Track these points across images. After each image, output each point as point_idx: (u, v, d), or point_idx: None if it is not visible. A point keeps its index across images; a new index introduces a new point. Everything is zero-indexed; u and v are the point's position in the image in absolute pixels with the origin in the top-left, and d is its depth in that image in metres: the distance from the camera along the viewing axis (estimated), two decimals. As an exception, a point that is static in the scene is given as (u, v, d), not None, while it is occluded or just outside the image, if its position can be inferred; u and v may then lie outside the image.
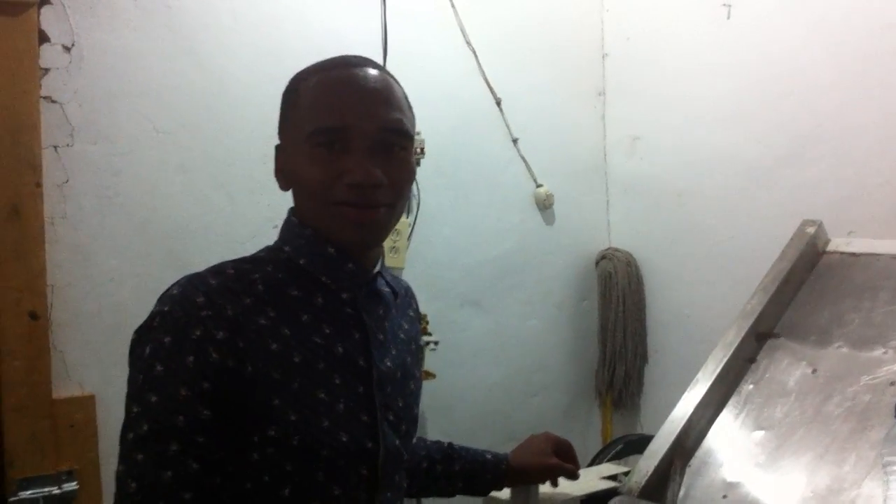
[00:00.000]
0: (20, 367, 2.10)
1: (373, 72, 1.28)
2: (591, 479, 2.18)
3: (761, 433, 1.96)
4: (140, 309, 2.27)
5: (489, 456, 1.66)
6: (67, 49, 2.22)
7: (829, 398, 1.97)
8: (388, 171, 1.24)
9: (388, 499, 1.30)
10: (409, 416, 1.38)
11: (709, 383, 2.07)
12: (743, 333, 2.18)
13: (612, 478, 2.20)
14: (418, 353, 1.48)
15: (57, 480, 2.13)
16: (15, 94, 2.11)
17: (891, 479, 1.59)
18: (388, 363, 1.32)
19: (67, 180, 2.22)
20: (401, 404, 1.35)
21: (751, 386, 2.11)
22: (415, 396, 1.42)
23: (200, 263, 2.38)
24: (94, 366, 2.25)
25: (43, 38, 2.18)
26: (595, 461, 2.70)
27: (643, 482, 1.88)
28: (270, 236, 2.49)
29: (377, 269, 1.35)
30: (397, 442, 1.32)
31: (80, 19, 2.24)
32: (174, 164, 2.39)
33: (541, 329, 3.23)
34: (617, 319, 3.23)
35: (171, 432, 1.10)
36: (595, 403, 3.39)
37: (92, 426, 2.22)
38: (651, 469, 1.89)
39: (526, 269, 3.18)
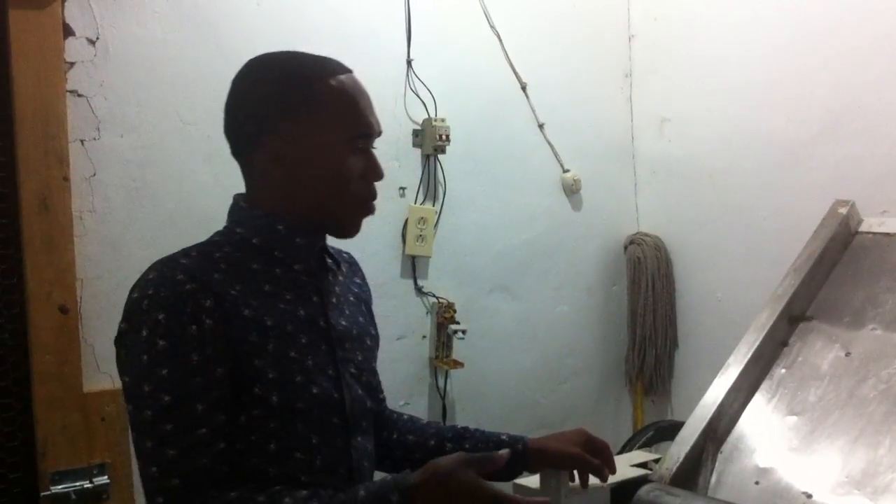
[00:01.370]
0: (51, 361, 2.12)
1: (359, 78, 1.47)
2: (622, 466, 2.16)
3: (794, 418, 1.94)
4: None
5: (504, 437, 1.64)
6: (92, 42, 2.23)
7: (863, 381, 1.95)
8: None
9: (359, 443, 1.45)
10: (368, 367, 1.53)
11: (741, 368, 2.05)
12: (775, 316, 2.16)
13: (643, 465, 2.19)
14: (371, 314, 1.63)
15: (88, 474, 2.15)
16: (41, 89, 2.12)
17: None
18: (343, 322, 1.47)
19: (95, 173, 2.23)
20: (360, 358, 1.50)
21: (783, 370, 2.09)
22: (372, 351, 1.57)
23: (228, 254, 2.40)
24: (125, 358, 2.26)
25: (67, 31, 2.18)
26: (626, 448, 2.68)
27: (674, 469, 1.87)
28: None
29: (321, 244, 1.49)
30: (360, 391, 1.47)
31: (104, 12, 2.24)
32: (201, 155, 2.39)
33: (570, 315, 3.22)
34: (647, 304, 3.20)
35: (194, 394, 1.23)
36: (625, 389, 3.37)
37: (123, 419, 2.21)
38: (682, 456, 1.88)
39: (555, 255, 3.16)
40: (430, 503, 1.23)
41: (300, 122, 1.37)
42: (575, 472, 1.63)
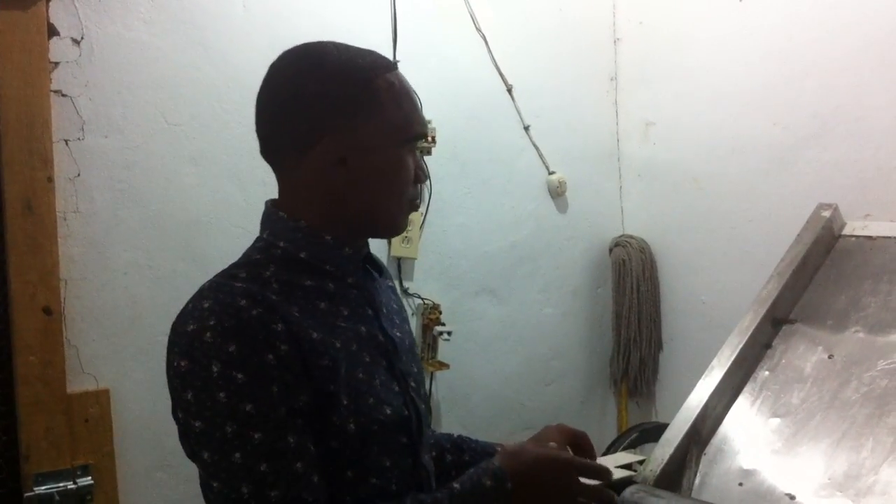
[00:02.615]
0: (35, 363, 2.11)
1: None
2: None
3: (778, 420, 1.95)
4: (154, 302, 2.31)
5: (499, 447, 1.65)
6: (77, 42, 2.22)
7: (846, 383, 1.96)
8: None
9: (426, 461, 1.39)
10: (421, 379, 1.46)
11: (724, 370, 2.06)
12: (759, 319, 2.17)
13: (628, 466, 2.19)
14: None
15: (72, 475, 2.14)
16: (25, 89, 2.11)
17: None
18: (397, 333, 1.40)
19: (79, 174, 2.22)
20: (415, 370, 1.43)
21: (767, 372, 2.10)
22: (419, 361, 1.50)
23: (214, 255, 2.41)
24: (109, 360, 2.25)
25: (52, 31, 2.18)
26: (610, 450, 2.69)
27: (659, 471, 1.87)
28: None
29: (366, 251, 1.42)
30: (423, 406, 1.41)
31: (89, 12, 2.23)
32: (186, 157, 2.39)
33: (556, 317, 3.22)
34: (631, 307, 3.21)
35: (283, 428, 1.13)
36: (610, 391, 3.38)
37: (107, 421, 2.22)
38: (667, 457, 1.89)
39: (540, 257, 3.17)
40: (522, 479, 1.27)
41: (362, 120, 1.27)
42: None
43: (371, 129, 1.28)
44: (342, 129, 1.27)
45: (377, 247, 2.74)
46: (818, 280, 2.31)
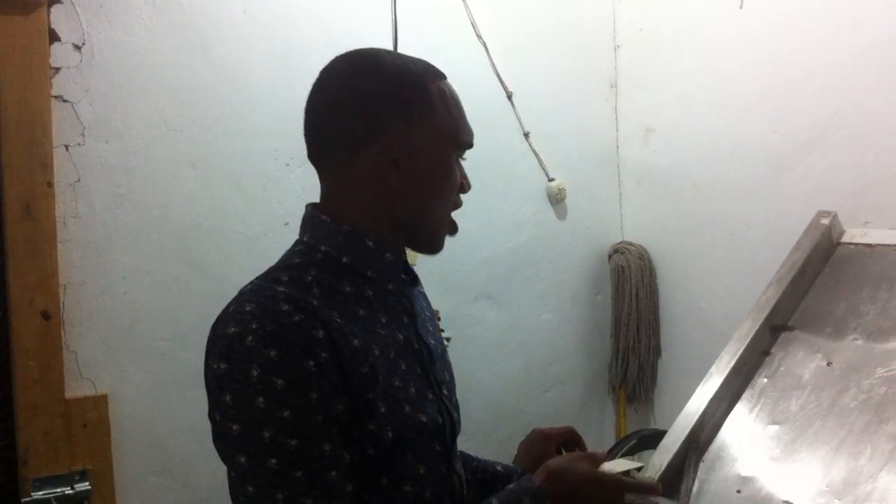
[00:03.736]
0: (34, 367, 2.11)
1: None
2: (605, 473, 2.16)
3: (776, 427, 1.95)
4: (153, 307, 2.31)
5: (500, 468, 1.66)
6: (78, 48, 2.23)
7: (844, 391, 1.96)
8: None
9: (459, 468, 1.40)
10: (454, 387, 1.47)
11: (723, 377, 2.06)
12: (757, 326, 2.17)
13: (626, 473, 2.19)
14: None
15: (70, 480, 2.14)
16: (26, 94, 2.12)
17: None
18: (432, 340, 1.41)
19: (79, 179, 2.22)
20: (448, 377, 1.44)
21: (765, 379, 2.10)
22: (451, 368, 1.50)
23: (214, 260, 2.41)
24: (108, 365, 2.25)
25: (53, 36, 2.18)
26: (608, 456, 2.68)
27: (657, 477, 1.87)
28: (283, 232, 2.52)
29: (405, 258, 1.41)
30: (456, 414, 1.42)
31: (90, 17, 2.24)
32: (186, 162, 2.39)
33: (555, 323, 3.22)
34: (630, 313, 3.21)
35: (319, 436, 1.13)
36: (609, 398, 3.38)
37: (105, 425, 2.22)
38: (665, 464, 1.88)
39: (540, 263, 3.17)
40: (565, 501, 1.30)
41: (416, 124, 1.29)
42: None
43: (424, 133, 1.29)
44: (397, 131, 1.28)
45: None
46: (817, 287, 2.31)
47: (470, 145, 1.38)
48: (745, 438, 1.96)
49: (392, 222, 1.32)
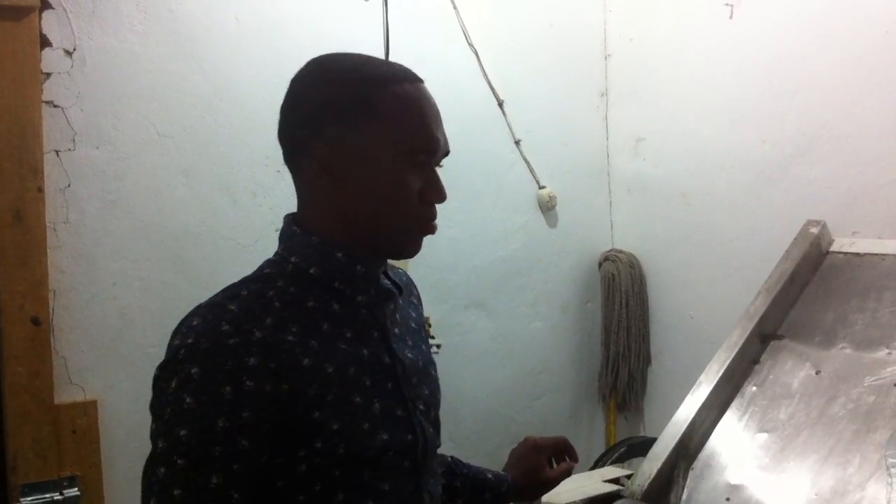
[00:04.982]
0: (23, 373, 2.11)
1: (428, 88, 1.33)
2: (594, 482, 2.17)
3: (765, 435, 1.96)
4: (143, 313, 2.30)
5: (490, 475, 1.63)
6: (69, 53, 2.22)
7: (833, 400, 1.97)
8: None
9: (431, 485, 1.34)
10: (435, 402, 1.40)
11: (712, 385, 2.07)
12: (746, 335, 2.18)
13: (615, 481, 2.20)
14: (426, 338, 1.49)
15: (59, 486, 2.14)
16: (16, 99, 2.12)
17: (895, 481, 1.58)
18: (409, 355, 1.34)
19: (69, 185, 2.22)
20: (427, 392, 1.37)
21: (754, 388, 2.11)
22: (436, 383, 1.44)
23: (204, 267, 2.41)
24: (97, 371, 2.25)
25: (44, 42, 2.18)
26: (598, 464, 2.69)
27: (646, 485, 1.88)
28: (273, 239, 2.50)
29: (383, 268, 1.36)
30: (430, 430, 1.35)
31: (81, 24, 2.24)
32: (177, 168, 2.39)
33: (545, 331, 3.23)
34: (620, 322, 3.22)
35: (211, 464, 1.10)
36: (599, 406, 3.38)
37: (94, 431, 2.22)
38: (654, 472, 1.89)
39: (530, 272, 3.18)
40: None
41: (350, 128, 1.23)
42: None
43: (364, 139, 1.23)
44: (330, 137, 1.23)
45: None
46: (806, 296, 2.32)
47: (430, 150, 1.27)
48: (735, 447, 1.97)
49: (352, 235, 1.27)
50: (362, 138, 1.23)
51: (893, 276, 2.22)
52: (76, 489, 2.16)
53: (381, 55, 2.74)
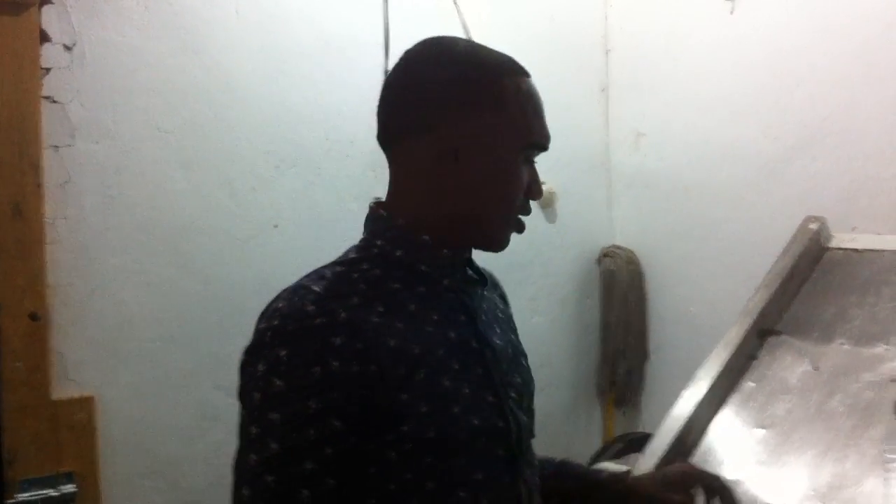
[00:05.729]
0: (21, 368, 2.11)
1: None
2: (593, 477, 2.17)
3: (763, 431, 1.96)
4: (142, 309, 2.31)
5: (604, 476, 1.56)
6: (69, 48, 2.22)
7: (831, 395, 1.97)
8: None
9: (529, 476, 1.30)
10: (527, 391, 1.37)
11: (710, 381, 2.07)
12: (745, 331, 2.18)
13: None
14: (517, 332, 1.48)
15: (56, 482, 2.14)
16: (16, 94, 2.12)
17: (892, 477, 1.58)
18: (498, 341, 1.32)
19: (69, 180, 2.22)
20: (519, 380, 1.34)
21: (753, 383, 2.11)
22: (528, 373, 1.41)
23: (204, 262, 2.41)
24: (95, 367, 2.25)
25: (44, 37, 2.18)
26: (596, 460, 2.69)
27: (643, 481, 1.87)
28: (272, 235, 2.52)
29: (468, 255, 1.36)
30: (524, 418, 1.31)
31: (81, 18, 2.24)
32: (177, 163, 2.39)
33: (544, 326, 3.23)
34: (619, 317, 3.22)
35: (304, 449, 1.08)
36: (597, 401, 3.38)
37: (92, 428, 2.22)
38: (652, 467, 1.89)
39: (530, 266, 3.17)
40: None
41: (482, 115, 1.22)
42: None
43: (489, 126, 1.23)
44: (461, 120, 1.22)
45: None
46: (805, 292, 2.32)
47: (542, 147, 1.30)
48: (732, 442, 1.97)
49: (449, 218, 1.26)
50: (487, 126, 1.23)
51: (892, 271, 2.22)
52: (73, 485, 2.16)
53: (381, 48, 2.74)
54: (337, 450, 1.09)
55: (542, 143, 1.28)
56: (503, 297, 1.52)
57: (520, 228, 1.32)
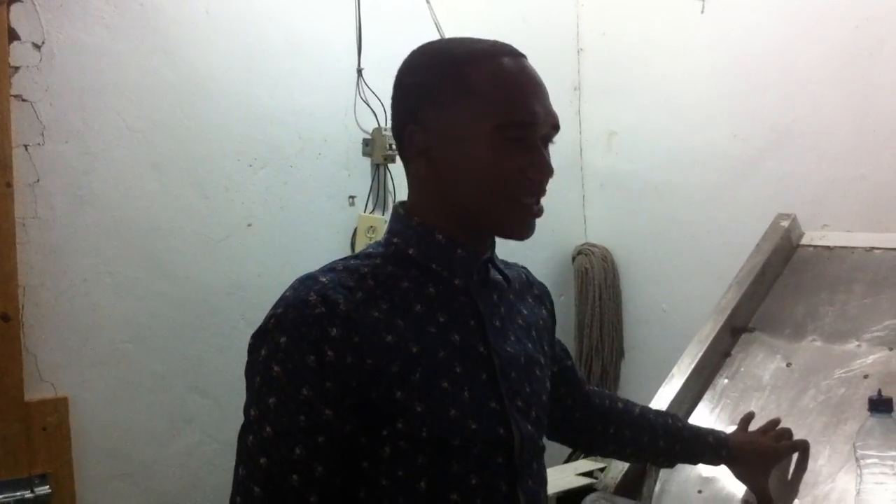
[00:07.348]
0: (-8, 370, 2.08)
1: (530, 63, 1.29)
2: (568, 475, 2.18)
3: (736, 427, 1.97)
4: (114, 309, 2.29)
5: (710, 438, 1.69)
6: (38, 47, 2.20)
7: (803, 392, 1.98)
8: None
9: (529, 488, 1.28)
10: (537, 402, 1.33)
11: (684, 378, 2.08)
12: (718, 328, 2.19)
13: (588, 474, 2.20)
14: (543, 338, 1.42)
15: (30, 484, 2.11)
16: (-16, 93, 2.09)
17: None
18: (509, 349, 1.29)
19: (38, 180, 2.20)
20: (528, 390, 1.30)
21: (726, 380, 2.12)
22: (542, 383, 1.36)
23: (175, 262, 2.39)
24: (68, 367, 2.23)
25: (13, 35, 2.15)
26: (571, 457, 2.70)
27: (619, 478, 1.89)
28: (246, 234, 2.51)
29: (487, 255, 1.33)
30: (530, 428, 1.28)
31: (50, 17, 2.21)
32: (147, 163, 2.37)
33: (518, 325, 3.22)
34: (594, 315, 3.23)
35: (295, 435, 1.11)
36: (573, 399, 3.38)
37: (65, 429, 2.19)
38: (627, 465, 1.90)
39: (503, 265, 3.17)
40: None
41: (443, 109, 1.21)
42: None
43: (454, 117, 1.21)
44: (429, 120, 1.22)
45: (340, 254, 2.73)
46: (777, 289, 2.34)
47: (527, 122, 1.21)
48: (707, 439, 1.98)
49: (453, 217, 1.25)
50: (453, 117, 1.21)
51: (863, 269, 2.24)
52: (47, 487, 2.13)
53: (354, 48, 2.73)
54: (328, 438, 1.11)
55: (520, 118, 1.20)
56: (539, 300, 1.48)
57: (530, 211, 1.26)
